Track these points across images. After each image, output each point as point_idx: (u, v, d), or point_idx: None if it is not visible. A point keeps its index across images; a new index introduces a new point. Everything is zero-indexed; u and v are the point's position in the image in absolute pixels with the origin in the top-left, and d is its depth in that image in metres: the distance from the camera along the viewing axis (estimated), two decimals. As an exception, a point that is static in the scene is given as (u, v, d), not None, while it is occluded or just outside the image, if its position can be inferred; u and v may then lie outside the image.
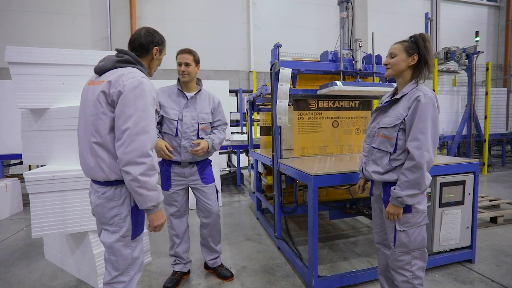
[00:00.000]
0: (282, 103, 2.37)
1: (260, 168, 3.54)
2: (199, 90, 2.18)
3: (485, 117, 6.37)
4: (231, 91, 7.26)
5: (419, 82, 1.53)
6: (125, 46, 1.48)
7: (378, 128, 1.59)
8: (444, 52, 6.27)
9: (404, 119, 1.47)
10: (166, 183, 2.16)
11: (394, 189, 1.46)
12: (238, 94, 7.60)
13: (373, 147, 1.62)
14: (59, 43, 7.62)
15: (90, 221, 2.13)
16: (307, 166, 2.24)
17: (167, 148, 1.96)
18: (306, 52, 8.25)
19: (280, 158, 2.63)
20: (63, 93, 2.30)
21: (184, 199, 2.21)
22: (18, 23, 7.52)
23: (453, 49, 6.23)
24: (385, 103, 1.62)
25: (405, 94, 1.51)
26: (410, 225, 1.49)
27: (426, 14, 6.59)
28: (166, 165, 2.16)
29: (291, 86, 2.63)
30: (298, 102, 2.79)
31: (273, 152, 2.63)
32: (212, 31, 8.68)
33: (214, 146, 2.15)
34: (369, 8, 9.61)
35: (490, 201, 3.76)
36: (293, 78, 2.67)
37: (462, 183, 2.25)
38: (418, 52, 1.50)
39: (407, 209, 1.48)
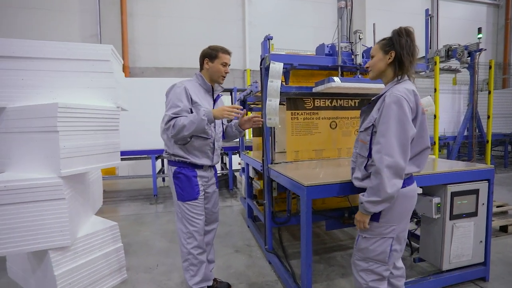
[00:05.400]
0: (273, 102, 2.10)
1: (251, 173, 3.27)
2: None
3: (488, 117, 6.14)
4: (225, 90, 6.99)
5: (403, 79, 1.42)
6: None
7: (359, 132, 1.53)
8: (445, 50, 6.04)
9: (375, 121, 1.39)
10: (194, 190, 1.86)
11: (362, 195, 1.40)
12: (233, 93, 7.34)
13: (357, 152, 1.55)
14: (47, 40, 7.32)
15: (50, 238, 1.85)
16: (300, 173, 1.98)
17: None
18: (303, 50, 8.02)
19: (271, 163, 2.37)
20: (22, 90, 2.01)
21: None
22: (4, 18, 7.20)
23: (455, 46, 6.00)
24: (367, 105, 1.53)
25: (382, 95, 1.42)
26: (373, 234, 1.42)
27: (427, 10, 6.35)
28: (189, 170, 1.86)
29: (284, 83, 2.37)
30: (292, 101, 2.52)
31: (263, 156, 2.36)
32: (206, 29, 8.42)
33: None
34: (368, 6, 9.39)
35: (497, 207, 3.52)
36: (286, 74, 2.39)
37: (476, 192, 1.99)
38: (395, 48, 1.39)
39: (375, 217, 1.40)
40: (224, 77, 1.92)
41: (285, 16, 9.11)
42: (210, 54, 1.86)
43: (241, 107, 1.86)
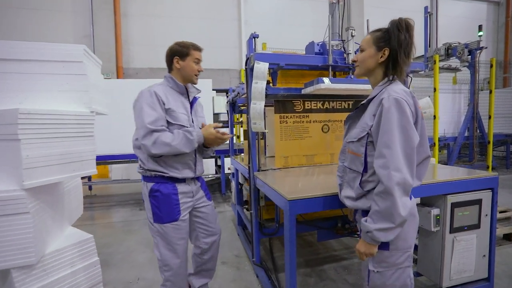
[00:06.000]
0: (257, 105, 1.94)
1: (241, 179, 3.11)
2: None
3: (489, 117, 5.97)
4: (221, 90, 6.84)
5: (395, 80, 1.22)
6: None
7: (347, 142, 1.31)
8: (445, 48, 5.87)
9: (370, 129, 1.18)
10: (174, 210, 1.65)
11: (366, 221, 1.15)
12: (229, 93, 7.19)
13: (345, 166, 1.33)
14: (39, 41, 7.19)
15: (12, 256, 1.68)
16: (287, 182, 1.82)
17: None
18: (301, 50, 7.86)
19: (258, 170, 2.21)
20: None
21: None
22: (3, 19, 7.07)
23: (454, 45, 5.84)
24: (354, 110, 1.33)
25: (373, 98, 1.23)
26: (387, 266, 1.19)
27: (426, 8, 6.20)
28: (169, 187, 1.65)
29: (271, 84, 2.21)
30: (280, 103, 2.36)
31: (249, 163, 2.20)
32: (202, 28, 8.27)
33: None
34: (366, 3, 9.22)
35: (500, 212, 3.34)
36: (273, 75, 2.24)
37: (478, 202, 1.83)
38: (390, 45, 1.19)
39: (384, 245, 1.17)
40: (198, 75, 1.73)
41: (282, 15, 8.96)
42: (181, 52, 1.66)
43: (227, 132, 1.70)
